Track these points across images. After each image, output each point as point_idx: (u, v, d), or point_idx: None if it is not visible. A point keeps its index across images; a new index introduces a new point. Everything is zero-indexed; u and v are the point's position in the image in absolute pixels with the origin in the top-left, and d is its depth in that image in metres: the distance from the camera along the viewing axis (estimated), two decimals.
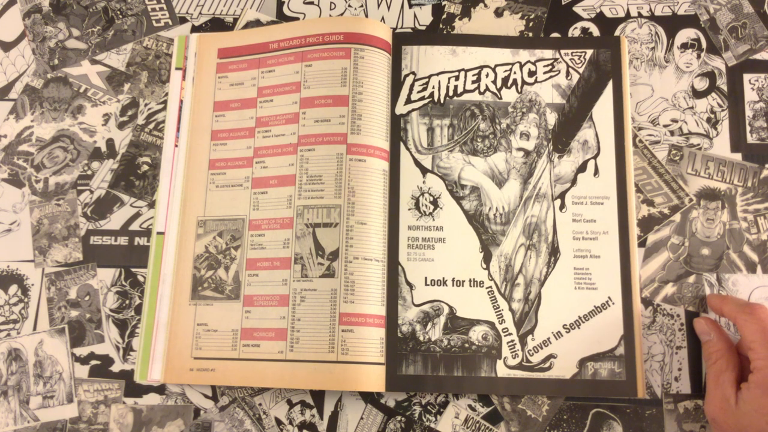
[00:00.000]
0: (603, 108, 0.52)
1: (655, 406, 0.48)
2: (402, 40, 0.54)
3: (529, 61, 0.53)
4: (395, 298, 0.49)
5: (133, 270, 0.52)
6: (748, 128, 0.53)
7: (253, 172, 0.52)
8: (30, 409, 0.50)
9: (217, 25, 0.57)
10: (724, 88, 0.54)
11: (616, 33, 0.55)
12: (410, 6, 0.57)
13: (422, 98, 0.53)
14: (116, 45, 0.57)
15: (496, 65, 0.53)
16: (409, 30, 0.56)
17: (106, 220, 0.53)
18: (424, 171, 0.52)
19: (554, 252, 0.50)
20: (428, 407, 0.49)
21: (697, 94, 0.54)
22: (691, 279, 0.50)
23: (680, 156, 0.52)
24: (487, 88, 0.53)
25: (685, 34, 0.55)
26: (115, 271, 0.52)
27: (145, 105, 0.56)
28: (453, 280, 0.50)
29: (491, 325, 0.49)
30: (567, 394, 0.48)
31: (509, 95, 0.53)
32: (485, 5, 0.56)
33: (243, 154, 0.52)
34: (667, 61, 0.54)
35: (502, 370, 0.48)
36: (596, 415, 0.48)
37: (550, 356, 0.48)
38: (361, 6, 0.57)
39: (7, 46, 0.58)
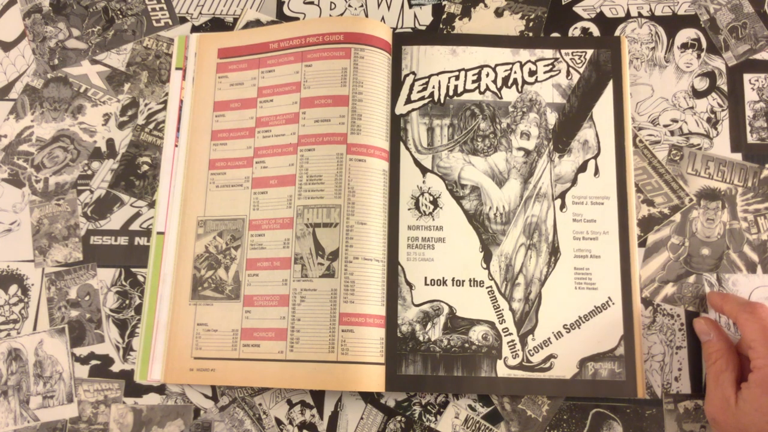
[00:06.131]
0: (603, 108, 0.52)
1: (655, 406, 0.48)
2: (402, 40, 0.54)
3: (529, 61, 0.53)
4: (395, 298, 0.49)
5: (133, 270, 0.52)
6: (748, 128, 0.53)
7: (253, 172, 0.52)
8: (30, 409, 0.50)
9: (217, 25, 0.57)
10: (725, 88, 0.54)
11: (616, 33, 0.55)
12: (410, 6, 0.57)
13: (422, 98, 0.53)
14: (116, 45, 0.57)
15: (496, 65, 0.53)
16: (409, 30, 0.56)
17: (106, 220, 0.53)
18: (424, 171, 0.52)
19: (554, 252, 0.50)
20: (428, 407, 0.49)
21: (697, 94, 0.54)
22: (691, 279, 0.50)
23: (680, 156, 0.52)
24: (488, 88, 0.53)
25: (685, 34, 0.55)
26: (115, 271, 0.52)
27: (145, 105, 0.56)
28: (453, 279, 0.50)
29: (491, 324, 0.49)
30: (567, 394, 0.48)
31: (509, 95, 0.53)
32: (485, 5, 0.56)
33: (243, 154, 0.52)
34: (667, 61, 0.54)
35: (502, 370, 0.48)
36: (596, 415, 0.48)
37: (551, 356, 0.48)
38: (361, 6, 0.57)
39: (7, 46, 0.58)
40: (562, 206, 0.51)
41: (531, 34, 0.55)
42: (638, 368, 0.48)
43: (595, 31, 0.55)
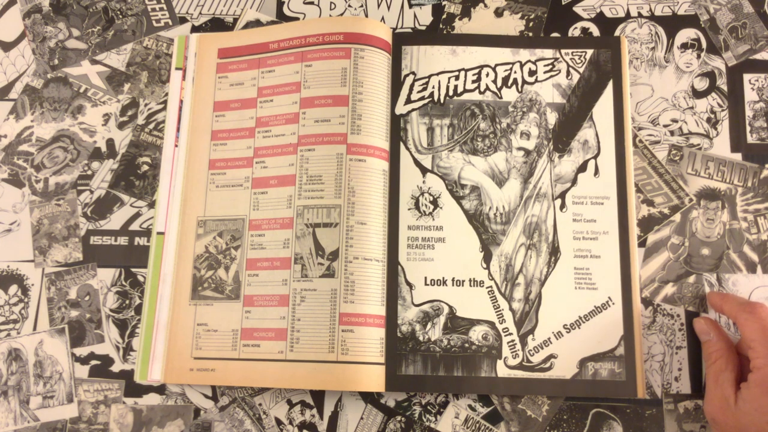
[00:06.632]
0: (603, 108, 0.52)
1: (655, 406, 0.48)
2: (402, 40, 0.54)
3: (529, 61, 0.53)
4: (395, 298, 0.49)
5: (133, 270, 0.52)
6: (748, 128, 0.53)
7: (253, 172, 0.52)
8: (30, 409, 0.50)
9: (217, 25, 0.57)
10: (724, 88, 0.54)
11: (616, 33, 0.55)
12: (410, 6, 0.57)
13: (422, 98, 0.53)
14: (116, 45, 0.57)
15: (496, 65, 0.53)
16: (409, 30, 0.56)
17: (106, 220, 0.53)
18: (424, 171, 0.52)
19: (554, 252, 0.50)
20: (428, 407, 0.49)
21: (697, 94, 0.54)
22: (691, 279, 0.50)
23: (680, 156, 0.52)
24: (488, 88, 0.53)
25: (685, 34, 0.55)
26: (115, 271, 0.52)
27: (145, 105, 0.56)
28: (453, 279, 0.50)
29: (491, 324, 0.49)
30: (567, 394, 0.48)
31: (509, 95, 0.53)
32: (485, 5, 0.56)
33: (243, 154, 0.52)
34: (667, 61, 0.54)
35: (502, 370, 0.48)
36: (596, 415, 0.48)
37: (551, 356, 0.48)
38: (361, 6, 0.57)
39: (7, 46, 0.58)
40: (562, 206, 0.51)
41: (531, 34, 0.55)
42: (638, 368, 0.48)
43: (595, 31, 0.55)
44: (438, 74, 0.53)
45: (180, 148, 0.53)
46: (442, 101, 0.53)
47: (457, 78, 0.53)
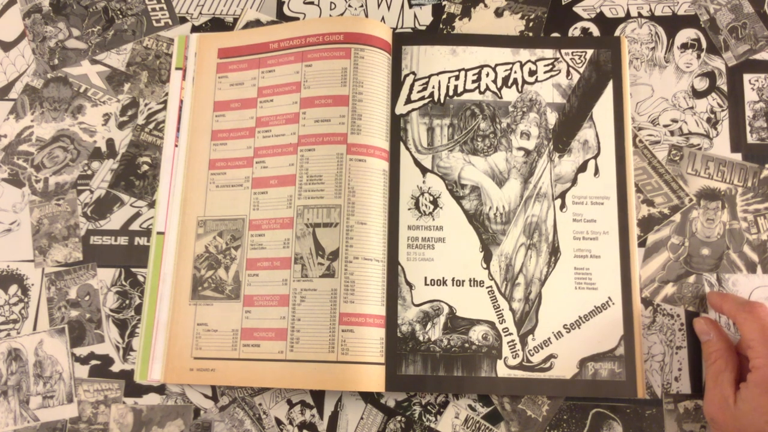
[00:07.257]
0: (603, 108, 0.52)
1: (655, 406, 0.48)
2: (402, 40, 0.54)
3: (529, 61, 0.53)
4: (395, 298, 0.49)
5: (133, 270, 0.52)
6: (748, 128, 0.53)
7: (253, 172, 0.52)
8: (30, 409, 0.50)
9: (217, 25, 0.57)
10: (724, 88, 0.54)
11: (616, 33, 0.55)
12: (410, 6, 0.57)
13: (422, 98, 0.53)
14: (116, 45, 0.57)
15: (496, 65, 0.53)
16: (409, 30, 0.56)
17: (106, 220, 0.53)
18: (424, 171, 0.52)
19: (555, 252, 0.50)
20: (428, 407, 0.49)
21: (697, 94, 0.54)
22: (691, 279, 0.50)
23: (680, 156, 0.52)
24: (488, 88, 0.53)
25: (685, 34, 0.55)
26: (115, 271, 0.52)
27: (145, 105, 0.56)
28: (453, 279, 0.50)
29: (491, 324, 0.49)
30: (567, 394, 0.48)
31: (510, 94, 0.53)
32: (485, 5, 0.56)
33: (243, 154, 0.52)
34: (667, 61, 0.54)
35: (502, 370, 0.48)
36: (596, 415, 0.48)
37: (551, 356, 0.48)
38: (361, 6, 0.57)
39: (7, 46, 0.58)
40: (562, 206, 0.51)
41: (531, 34, 0.55)
42: (638, 368, 0.48)
43: (595, 31, 0.55)
44: (438, 74, 0.53)
45: (180, 148, 0.53)
46: (442, 101, 0.53)
47: (457, 78, 0.53)
